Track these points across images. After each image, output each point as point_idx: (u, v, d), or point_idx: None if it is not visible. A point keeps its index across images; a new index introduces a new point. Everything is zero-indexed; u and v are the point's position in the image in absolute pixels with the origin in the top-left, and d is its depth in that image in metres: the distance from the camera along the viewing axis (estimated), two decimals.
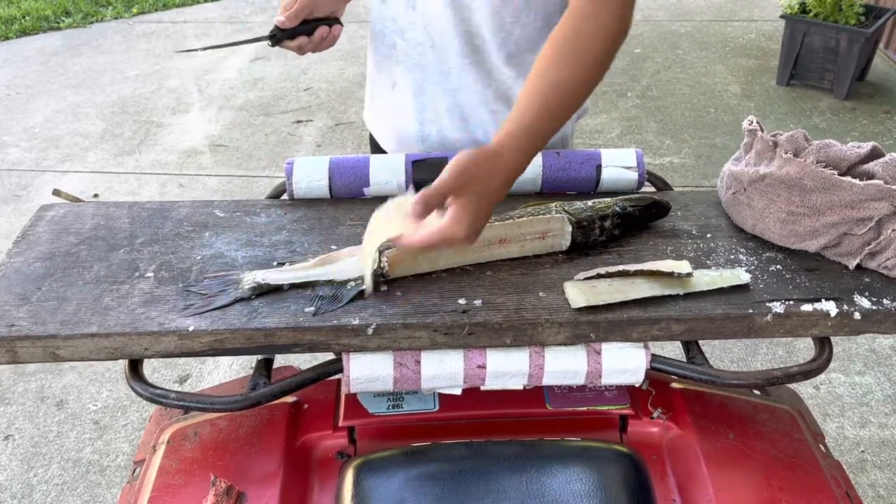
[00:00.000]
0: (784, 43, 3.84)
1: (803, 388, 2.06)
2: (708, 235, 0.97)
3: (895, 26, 4.16)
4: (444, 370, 0.82)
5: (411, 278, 0.87)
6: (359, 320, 0.80)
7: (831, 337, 0.86)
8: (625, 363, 0.82)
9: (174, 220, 0.98)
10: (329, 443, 0.92)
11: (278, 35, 1.05)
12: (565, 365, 0.82)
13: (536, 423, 0.93)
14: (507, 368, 0.82)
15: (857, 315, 0.83)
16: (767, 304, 0.84)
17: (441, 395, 0.94)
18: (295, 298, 0.84)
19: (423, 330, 0.80)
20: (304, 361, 1.79)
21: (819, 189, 0.88)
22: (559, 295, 0.84)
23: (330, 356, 0.84)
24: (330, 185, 1.03)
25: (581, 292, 0.83)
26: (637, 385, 0.85)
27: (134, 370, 0.82)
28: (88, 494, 1.86)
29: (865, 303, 0.84)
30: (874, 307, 0.84)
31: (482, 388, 0.84)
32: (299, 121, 3.69)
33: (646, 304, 0.83)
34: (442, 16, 1.05)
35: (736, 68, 4.15)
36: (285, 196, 1.06)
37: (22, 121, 3.74)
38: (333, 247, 0.93)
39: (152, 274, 0.88)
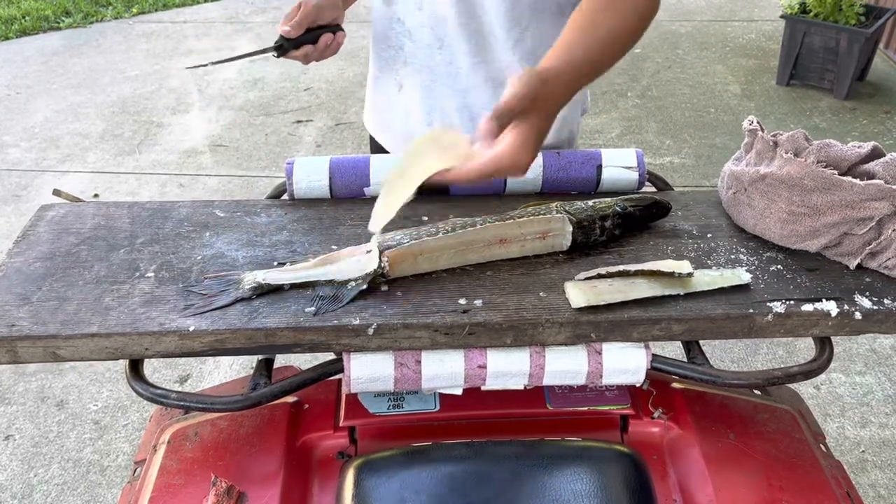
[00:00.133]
0: (784, 43, 3.84)
1: (804, 388, 2.06)
2: (708, 235, 0.97)
3: (895, 26, 4.16)
4: (445, 370, 0.82)
5: (411, 278, 0.87)
6: (359, 320, 0.80)
7: (832, 337, 0.86)
8: (625, 363, 0.82)
9: (174, 220, 0.98)
10: (330, 443, 0.92)
11: (285, 45, 1.06)
12: (566, 365, 0.82)
13: (537, 423, 0.93)
14: (508, 368, 0.82)
15: (858, 315, 0.83)
16: (768, 304, 0.84)
17: (442, 395, 0.94)
18: (295, 298, 0.84)
19: (424, 330, 0.80)
20: (305, 361, 1.79)
21: (819, 189, 0.88)
22: (560, 295, 0.84)
23: (330, 356, 0.84)
24: (330, 185, 1.03)
25: (582, 292, 0.83)
26: (638, 385, 0.85)
27: (134, 370, 0.82)
28: (89, 494, 1.86)
29: (866, 303, 0.84)
30: (875, 307, 0.84)
31: (483, 388, 0.84)
32: (299, 121, 3.69)
33: (646, 304, 0.83)
34: (450, 16, 1.05)
35: (736, 68, 4.15)
36: (285, 196, 1.06)
37: (22, 121, 3.74)
38: (334, 247, 0.93)
39: (153, 274, 0.88)
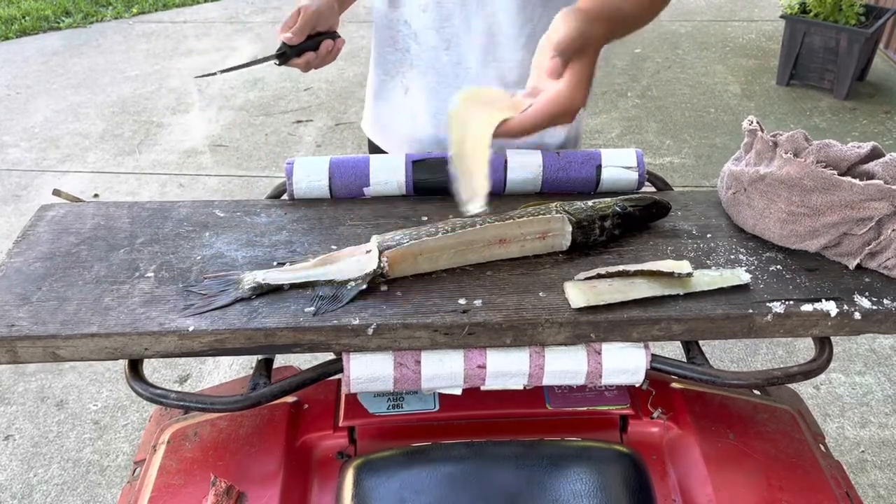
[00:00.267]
0: (784, 43, 3.84)
1: (803, 388, 2.06)
2: (708, 235, 0.97)
3: (895, 26, 4.16)
4: (445, 370, 0.82)
5: (411, 278, 0.87)
6: (359, 320, 0.80)
7: (831, 337, 0.86)
8: (625, 363, 0.82)
9: (174, 220, 0.98)
10: (329, 443, 0.92)
11: (287, 53, 1.07)
12: (565, 365, 0.82)
13: (537, 424, 0.93)
14: (508, 368, 0.82)
15: (858, 315, 0.83)
16: (767, 304, 0.84)
17: (441, 395, 0.94)
18: (295, 298, 0.84)
19: (423, 330, 0.80)
20: (305, 361, 1.79)
21: (819, 189, 0.88)
22: (559, 295, 0.84)
23: (330, 356, 0.84)
24: (330, 185, 1.03)
25: (581, 292, 0.83)
26: (637, 385, 0.85)
27: (134, 370, 0.82)
28: (88, 494, 1.86)
29: (866, 303, 0.84)
30: (874, 307, 0.84)
31: (482, 388, 0.84)
32: (299, 121, 3.69)
33: (646, 304, 0.83)
34: (457, 17, 1.04)
35: (736, 68, 4.15)
36: (285, 196, 1.06)
37: (22, 121, 3.74)
38: (333, 247, 0.93)
39: (152, 274, 0.88)
